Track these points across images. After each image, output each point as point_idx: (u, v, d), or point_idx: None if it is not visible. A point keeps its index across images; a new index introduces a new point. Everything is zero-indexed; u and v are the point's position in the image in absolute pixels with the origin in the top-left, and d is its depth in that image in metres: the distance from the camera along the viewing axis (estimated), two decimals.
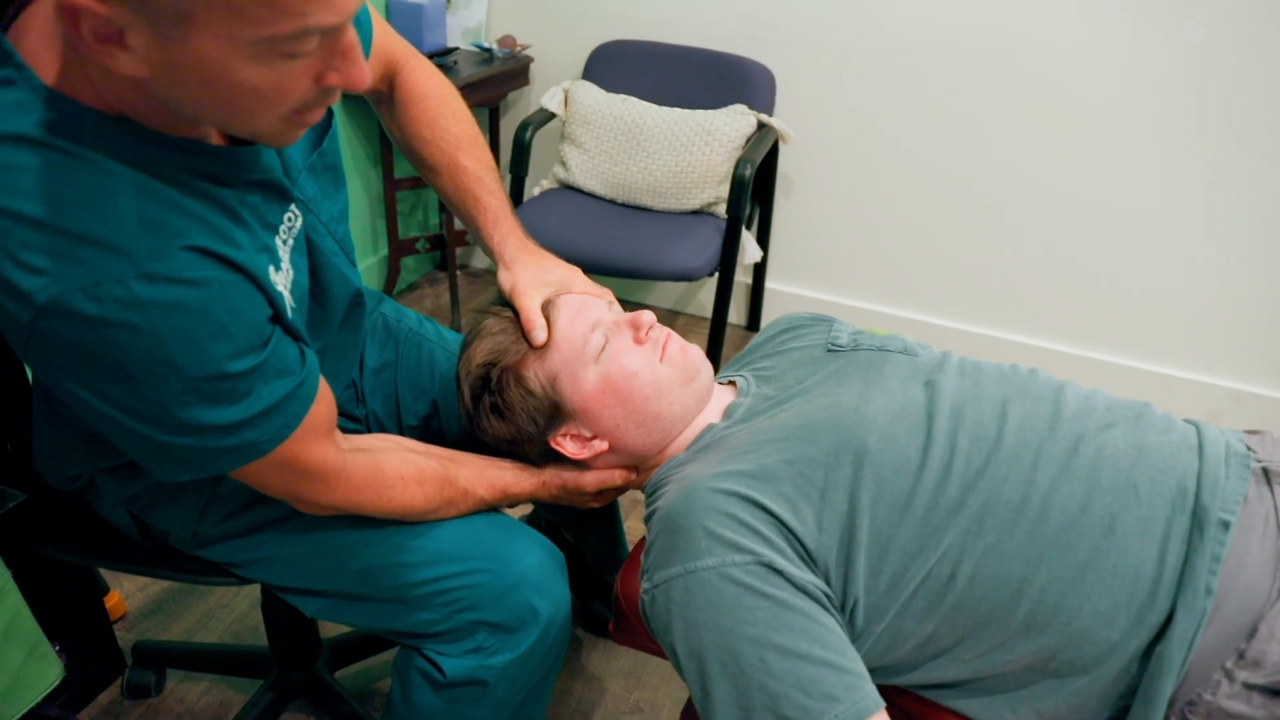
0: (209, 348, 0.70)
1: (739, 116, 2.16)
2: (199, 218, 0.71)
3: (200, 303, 0.69)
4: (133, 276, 0.65)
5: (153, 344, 0.67)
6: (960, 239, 2.34)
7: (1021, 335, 2.41)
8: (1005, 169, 2.23)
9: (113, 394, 0.70)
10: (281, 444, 0.79)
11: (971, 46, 2.14)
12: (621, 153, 2.21)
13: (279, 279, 0.79)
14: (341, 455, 0.88)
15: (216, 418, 0.73)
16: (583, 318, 0.99)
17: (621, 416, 0.98)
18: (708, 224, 2.15)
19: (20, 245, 0.64)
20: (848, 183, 2.37)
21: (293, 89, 0.65)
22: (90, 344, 0.67)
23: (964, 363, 1.01)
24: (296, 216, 0.85)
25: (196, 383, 0.70)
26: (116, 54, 0.60)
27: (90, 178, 0.66)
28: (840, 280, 2.51)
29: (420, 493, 0.94)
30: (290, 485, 0.86)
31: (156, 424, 0.72)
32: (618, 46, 2.33)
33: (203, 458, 0.76)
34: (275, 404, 0.77)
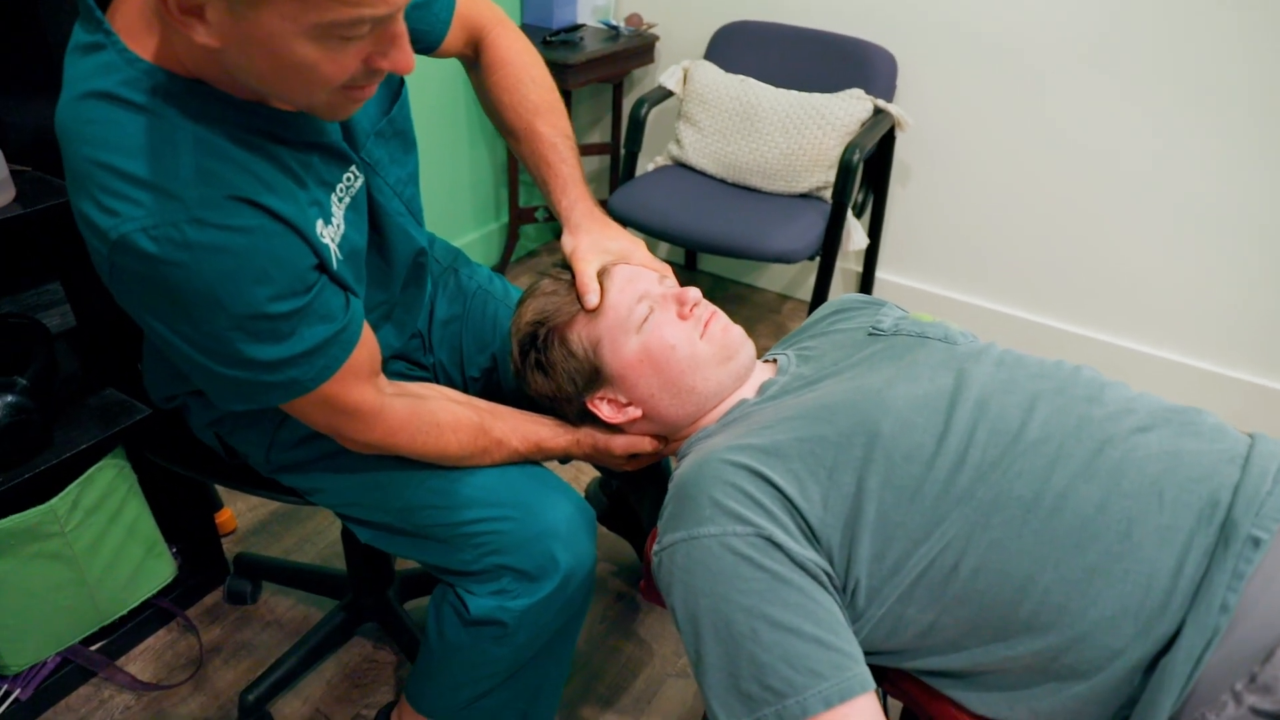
0: (251, 289, 0.78)
1: (854, 101, 2.13)
2: (251, 171, 0.79)
3: (243, 248, 0.77)
4: (185, 220, 0.74)
5: (200, 282, 0.76)
6: (1075, 240, 2.23)
7: (1126, 339, 2.27)
8: (1127, 170, 2.10)
9: (175, 324, 0.80)
10: (324, 383, 0.86)
11: (1098, 44, 2.02)
12: (735, 133, 2.22)
13: (327, 232, 0.86)
14: (382, 398, 0.94)
15: (262, 353, 0.81)
16: (632, 287, 1.02)
17: (656, 386, 1.01)
18: (814, 208, 2.14)
19: (98, 188, 0.74)
20: (965, 175, 2.30)
21: (343, 69, 0.74)
22: (152, 278, 0.76)
23: (1004, 355, 0.98)
24: (357, 177, 0.94)
25: (241, 320, 0.78)
26: (196, 25, 0.69)
27: (158, 131, 0.75)
28: (950, 274, 2.43)
29: (455, 439, 1.00)
30: (332, 422, 0.93)
31: (211, 354, 0.81)
32: (741, 27, 2.34)
33: (252, 390, 0.85)
34: (318, 345, 0.84)
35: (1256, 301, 2.10)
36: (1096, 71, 2.06)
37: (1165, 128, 2.04)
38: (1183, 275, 2.16)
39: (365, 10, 0.69)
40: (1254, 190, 2.02)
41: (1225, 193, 2.04)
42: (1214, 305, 2.15)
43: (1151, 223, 2.14)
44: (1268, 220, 2.02)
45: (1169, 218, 2.12)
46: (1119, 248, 2.19)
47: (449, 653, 1.09)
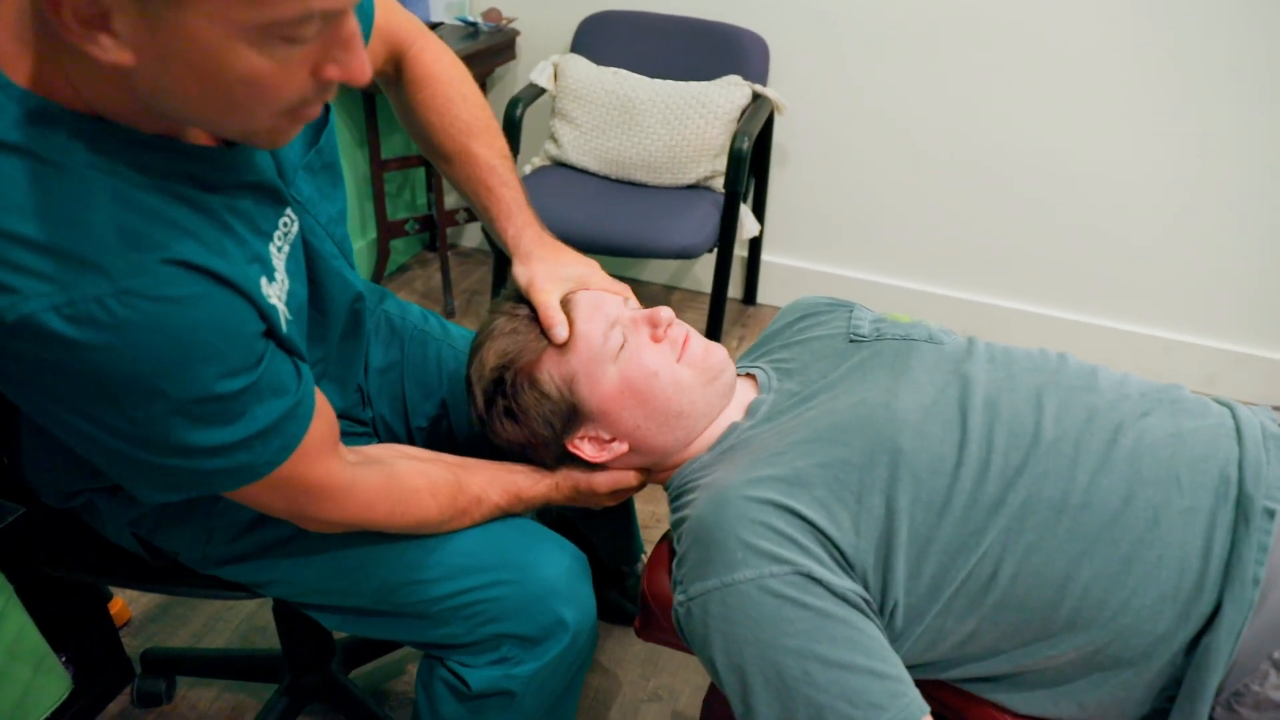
0: (196, 369, 0.65)
1: (734, 88, 2.12)
2: (183, 227, 0.65)
3: (184, 322, 0.64)
4: (110, 294, 0.60)
5: (132, 367, 0.62)
6: (955, 206, 2.32)
7: (1017, 301, 2.39)
8: (1000, 135, 2.20)
9: (95, 414, 0.66)
10: (280, 466, 0.75)
11: (965, 12, 2.09)
12: (614, 127, 2.16)
13: (272, 290, 0.73)
14: (349, 470, 0.84)
15: (208, 439, 0.69)
16: (600, 315, 0.95)
17: (642, 417, 0.95)
18: (705, 199, 2.11)
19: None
20: (844, 153, 2.34)
21: (289, 82, 0.60)
22: (63, 364, 0.62)
23: (992, 349, 0.98)
24: (293, 220, 0.80)
25: (185, 405, 0.66)
26: (100, 39, 0.54)
27: (64, 186, 0.60)
28: (838, 251, 2.48)
29: (434, 504, 0.91)
30: (295, 505, 0.81)
31: (143, 444, 0.68)
32: (606, 17, 2.27)
33: (195, 479, 0.73)
34: (272, 425, 0.72)
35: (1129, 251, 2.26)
36: (963, 41, 2.13)
37: (1033, 90, 2.14)
38: (1050, 232, 2.29)
39: (315, 2, 0.56)
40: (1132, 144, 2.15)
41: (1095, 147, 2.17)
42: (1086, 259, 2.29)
43: (1019, 183, 2.25)
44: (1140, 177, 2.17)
45: (1032, 176, 2.24)
46: (993, 210, 2.29)
47: None
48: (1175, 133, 2.09)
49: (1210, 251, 2.20)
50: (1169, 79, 2.05)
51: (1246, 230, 2.15)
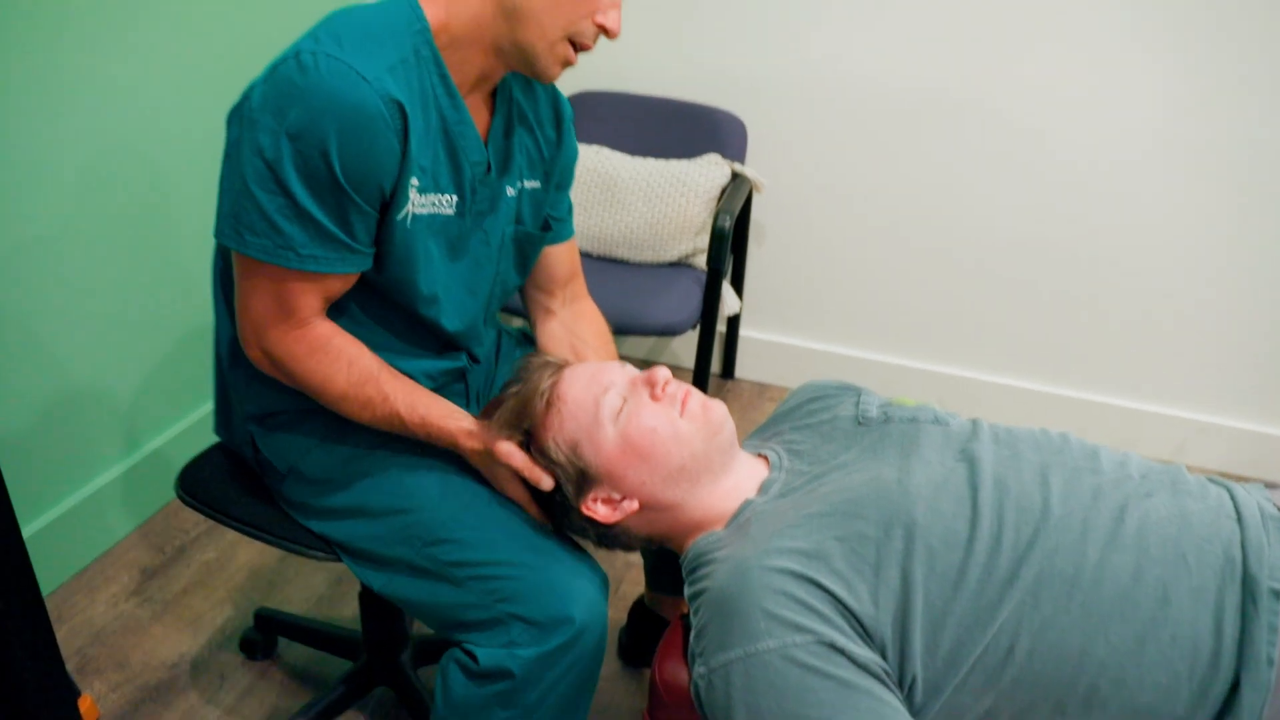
0: (325, 124, 0.89)
1: (713, 166, 2.16)
2: (420, 85, 0.96)
3: (343, 96, 0.89)
4: (319, 52, 0.90)
5: (303, 93, 0.89)
6: (929, 281, 2.37)
7: (990, 374, 2.43)
8: (973, 211, 2.27)
9: (261, 124, 0.90)
10: (299, 270, 0.95)
11: (935, 95, 2.18)
12: (597, 205, 2.19)
13: (416, 193, 0.98)
14: (317, 317, 1.00)
15: (296, 192, 0.91)
16: (595, 382, 1.00)
17: (647, 474, 0.97)
18: (686, 275, 2.14)
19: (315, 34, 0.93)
20: (820, 229, 2.39)
21: (584, 5, 0.95)
22: (275, 81, 0.91)
23: (996, 430, 1.01)
24: (472, 210, 1.07)
25: (298, 145, 0.89)
26: None
27: (392, 42, 0.94)
28: (816, 326, 2.51)
29: (345, 373, 1.01)
30: (266, 309, 0.97)
31: (253, 161, 0.90)
32: (589, 98, 2.32)
33: (255, 221, 0.93)
34: (332, 236, 0.94)
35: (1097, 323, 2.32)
36: (935, 120, 2.21)
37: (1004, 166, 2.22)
38: (1020, 305, 2.34)
39: None
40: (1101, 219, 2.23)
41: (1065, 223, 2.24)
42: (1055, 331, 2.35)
43: (991, 257, 2.31)
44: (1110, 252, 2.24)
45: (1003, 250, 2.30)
46: (967, 284, 2.35)
47: (455, 717, 1.03)
48: (1143, 209, 2.17)
49: (1179, 325, 2.27)
50: (1134, 160, 2.14)
51: (1213, 303, 2.22)
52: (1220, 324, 2.24)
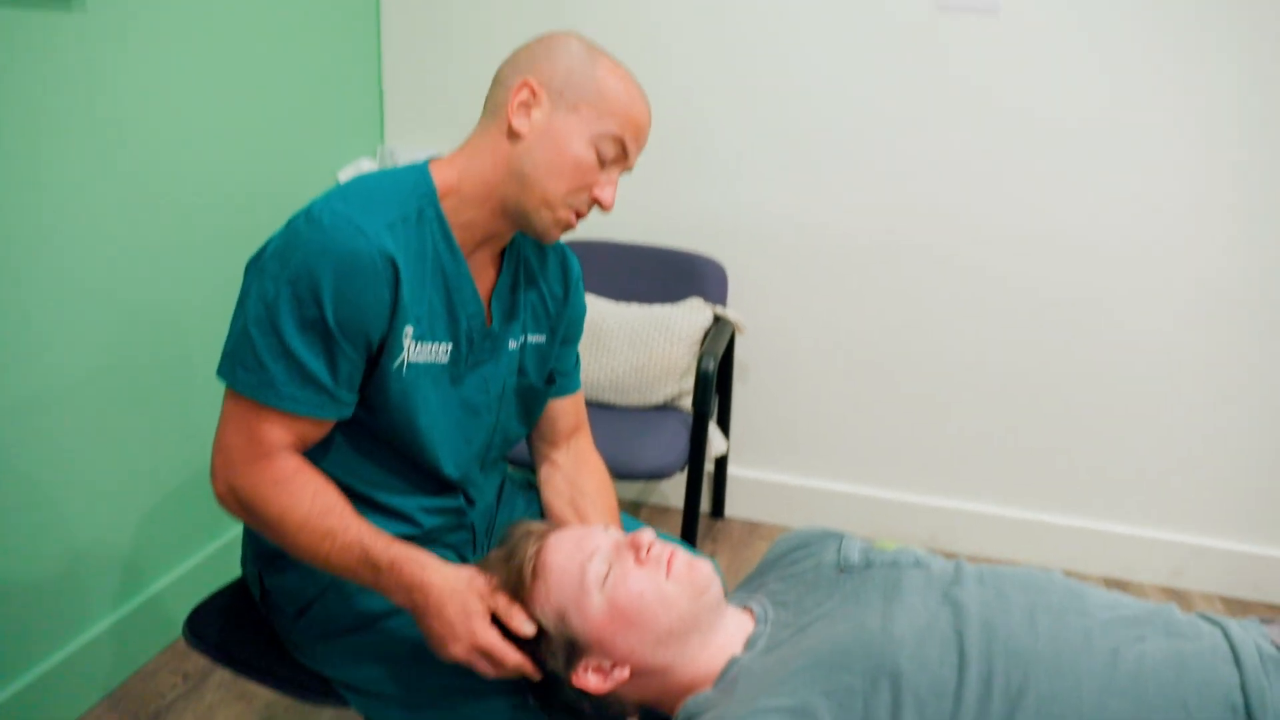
0: (318, 275, 0.94)
1: (696, 311, 2.22)
2: (417, 242, 1.01)
3: (335, 248, 0.95)
4: (324, 209, 0.97)
5: (299, 251, 0.95)
6: (916, 414, 2.40)
7: (981, 504, 2.43)
8: (952, 346, 2.32)
9: (266, 271, 0.97)
10: (277, 410, 0.97)
11: (906, 237, 2.26)
12: (583, 350, 2.21)
13: (412, 342, 1.03)
14: (285, 453, 1.00)
15: (285, 332, 0.95)
16: (580, 549, 0.99)
17: (636, 639, 0.95)
18: (673, 418, 2.16)
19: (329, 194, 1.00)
20: (803, 367, 2.43)
21: (583, 176, 1.03)
22: (285, 238, 0.98)
23: (981, 571, 1.00)
24: (491, 352, 1.13)
25: (292, 290, 0.95)
26: (530, 115, 1.02)
27: (395, 202, 1.01)
28: (803, 463, 2.52)
29: (307, 504, 0.99)
30: (235, 439, 0.99)
31: (258, 319, 0.96)
32: (573, 246, 2.39)
33: (246, 357, 0.97)
34: (314, 379, 0.97)
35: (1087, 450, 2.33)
36: (908, 262, 2.29)
37: (981, 308, 2.28)
38: (1005, 435, 2.36)
39: (626, 137, 1.04)
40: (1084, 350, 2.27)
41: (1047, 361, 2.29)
42: (1044, 459, 2.36)
43: (971, 391, 2.35)
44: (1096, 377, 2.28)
45: (983, 382, 2.34)
46: (950, 418, 2.37)
47: None
48: (1128, 337, 2.23)
49: (1171, 449, 2.29)
50: (1119, 290, 2.21)
51: (1206, 426, 2.25)
52: (1214, 447, 2.26)
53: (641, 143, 1.07)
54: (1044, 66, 2.10)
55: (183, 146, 1.75)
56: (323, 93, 2.19)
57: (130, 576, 1.78)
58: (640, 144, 1.07)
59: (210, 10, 1.78)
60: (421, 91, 2.42)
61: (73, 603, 1.65)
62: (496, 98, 1.05)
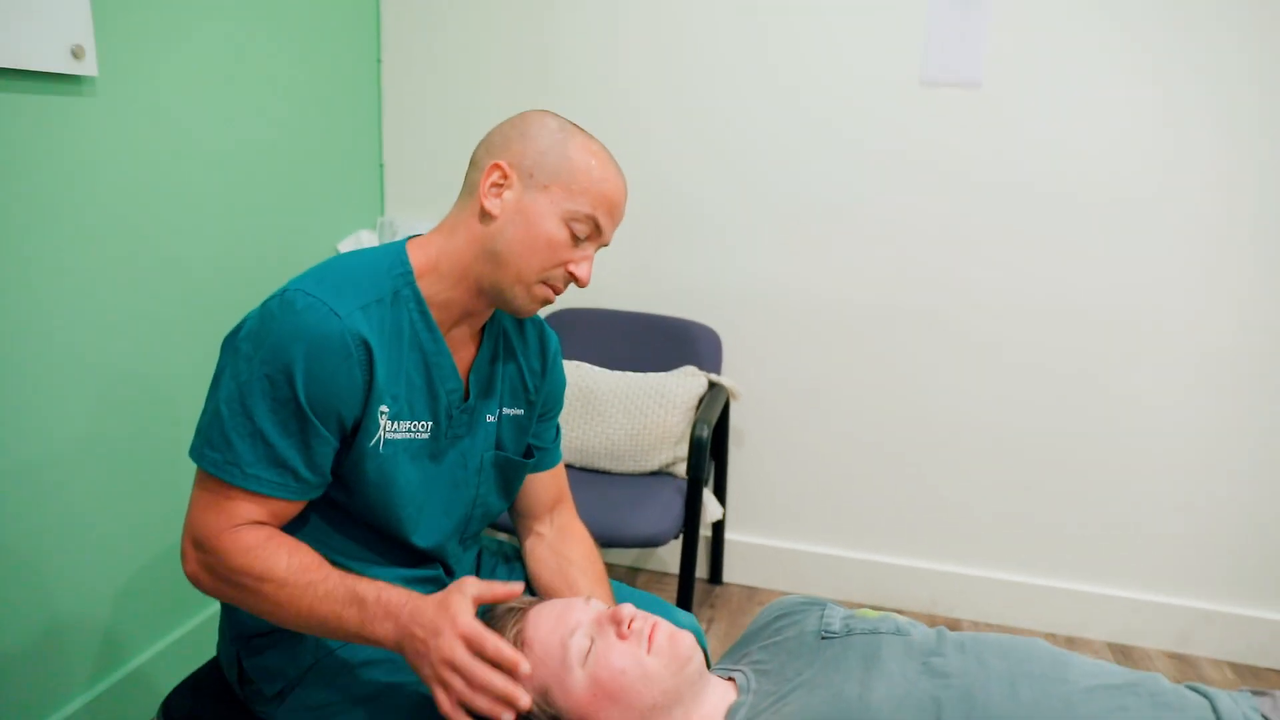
0: (290, 354, 0.96)
1: (690, 378, 2.23)
2: (392, 332, 1.03)
3: (306, 331, 0.96)
4: (296, 291, 0.99)
5: (272, 334, 0.97)
6: (911, 480, 2.39)
7: (980, 568, 2.41)
8: (944, 412, 2.33)
9: (240, 352, 0.98)
10: (245, 489, 0.98)
11: (897, 304, 2.29)
12: (577, 418, 2.24)
13: (387, 420, 1.04)
14: (255, 526, 1.00)
15: (256, 415, 0.96)
16: (562, 624, 0.98)
17: (619, 714, 0.94)
18: (668, 485, 2.16)
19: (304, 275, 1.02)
20: (798, 432, 2.43)
21: (557, 255, 1.04)
22: (261, 320, 0.99)
23: (962, 639, 0.99)
24: (448, 434, 1.12)
25: (266, 373, 0.96)
26: (501, 195, 1.04)
27: (370, 284, 1.03)
28: (799, 528, 2.51)
29: (285, 561, 0.98)
30: (204, 516, 0.99)
31: (230, 396, 0.97)
32: (568, 314, 2.43)
33: (217, 435, 0.98)
34: (284, 463, 0.98)
35: (1092, 514, 2.31)
36: (901, 326, 2.31)
37: (978, 370, 2.29)
38: (1004, 498, 2.35)
39: (597, 213, 1.05)
40: (1088, 415, 2.27)
41: (1038, 428, 2.29)
42: (1047, 524, 2.34)
43: (968, 455, 2.34)
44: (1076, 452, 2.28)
45: (981, 448, 2.33)
46: (947, 482, 2.37)
47: None
48: (1131, 399, 2.23)
49: (1178, 513, 2.27)
50: (1114, 352, 2.22)
51: (1213, 491, 2.23)
52: (1221, 512, 2.25)
53: (616, 218, 1.08)
54: (1027, 137, 2.15)
55: (185, 219, 1.80)
56: (324, 167, 2.25)
57: (109, 650, 1.76)
58: (615, 219, 1.08)
59: (216, 85, 1.84)
60: (421, 165, 2.48)
61: (52, 675, 1.63)
62: (471, 178, 1.07)
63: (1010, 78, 2.13)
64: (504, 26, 2.36)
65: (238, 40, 1.89)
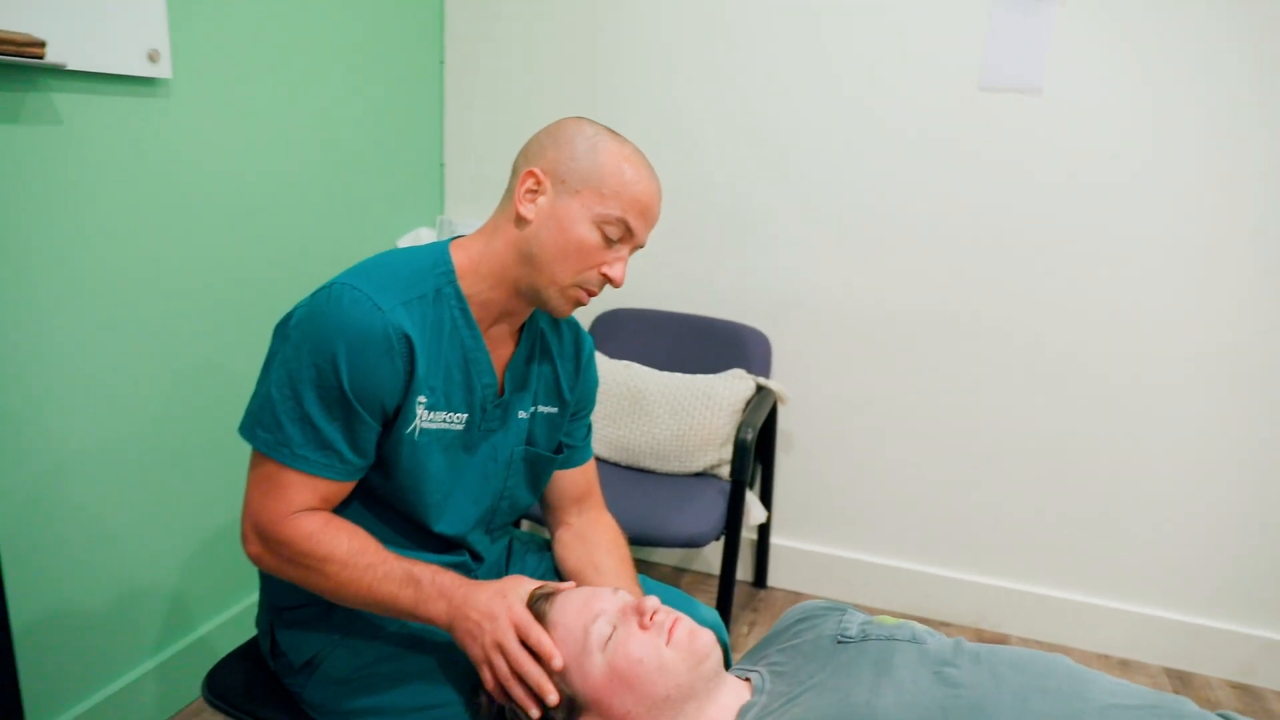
0: (333, 346, 1.02)
1: (738, 381, 2.24)
2: (434, 320, 1.08)
3: (350, 323, 1.02)
4: (343, 284, 1.05)
5: (319, 322, 1.03)
6: (960, 489, 2.35)
7: (1030, 584, 2.36)
8: (998, 422, 2.28)
9: (291, 340, 1.04)
10: (293, 469, 1.04)
11: (951, 309, 2.26)
12: (625, 417, 2.26)
13: (424, 409, 1.09)
14: (310, 512, 1.06)
15: (306, 401, 1.03)
16: (587, 610, 1.01)
17: (632, 703, 0.97)
18: (712, 486, 2.17)
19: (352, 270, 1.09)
20: (847, 439, 2.42)
21: (590, 257, 1.08)
22: (307, 311, 1.06)
23: (979, 650, 0.99)
24: (481, 427, 1.17)
25: (313, 362, 1.02)
26: (535, 201, 1.09)
27: (413, 281, 1.08)
28: (846, 535, 2.49)
29: (345, 544, 1.05)
30: (259, 493, 1.05)
31: (280, 382, 1.04)
32: (619, 315, 2.46)
33: (268, 418, 1.04)
34: (330, 445, 1.04)
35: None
36: (954, 332, 2.28)
37: (1035, 376, 2.25)
38: (1067, 515, 2.30)
39: (629, 217, 1.09)
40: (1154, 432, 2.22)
41: (1098, 441, 2.23)
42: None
43: (1024, 466, 2.30)
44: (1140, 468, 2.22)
45: (1037, 459, 2.28)
46: (1000, 493, 2.32)
47: None
48: (1202, 414, 2.16)
49: (1246, 536, 2.19)
50: (1173, 364, 2.15)
51: None
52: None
53: (649, 220, 1.11)
54: (1089, 143, 2.10)
55: (254, 214, 1.88)
56: (388, 166, 2.32)
57: (177, 618, 1.86)
58: (647, 221, 1.11)
59: (285, 86, 1.92)
60: (479, 166, 2.54)
61: (125, 637, 1.74)
62: (510, 185, 1.13)
63: (1073, 83, 2.08)
64: (562, 32, 2.40)
65: (306, 43, 1.97)
